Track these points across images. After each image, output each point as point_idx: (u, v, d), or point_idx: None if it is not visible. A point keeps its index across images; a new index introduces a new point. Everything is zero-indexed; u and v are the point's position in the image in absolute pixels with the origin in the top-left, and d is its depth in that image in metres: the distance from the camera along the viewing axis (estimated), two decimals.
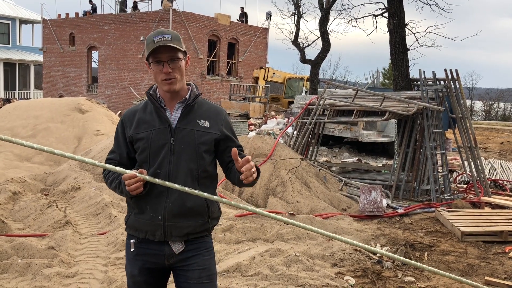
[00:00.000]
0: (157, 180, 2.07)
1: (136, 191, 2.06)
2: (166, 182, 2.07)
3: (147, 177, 2.07)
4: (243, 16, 30.11)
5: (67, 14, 31.02)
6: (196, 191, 2.08)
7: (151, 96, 2.23)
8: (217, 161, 2.33)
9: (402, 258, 2.30)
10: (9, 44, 36.28)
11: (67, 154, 2.01)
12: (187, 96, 2.23)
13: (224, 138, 2.25)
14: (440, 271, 2.32)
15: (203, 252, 2.24)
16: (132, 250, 2.23)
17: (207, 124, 2.21)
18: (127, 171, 2.04)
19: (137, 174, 2.05)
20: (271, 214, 2.29)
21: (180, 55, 2.17)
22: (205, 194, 2.11)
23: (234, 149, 2.06)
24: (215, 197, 2.16)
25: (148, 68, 2.21)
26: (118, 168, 2.05)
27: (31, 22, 38.18)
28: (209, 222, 2.25)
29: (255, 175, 2.09)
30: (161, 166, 2.16)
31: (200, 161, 2.19)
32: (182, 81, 2.21)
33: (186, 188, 2.07)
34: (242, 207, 2.26)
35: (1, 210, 5.83)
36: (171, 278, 2.32)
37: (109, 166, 2.06)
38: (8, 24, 36.25)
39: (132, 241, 2.23)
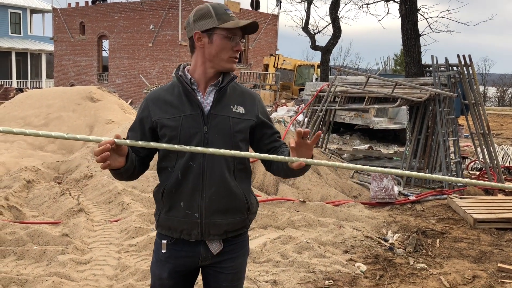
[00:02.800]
0: (140, 142, 1.78)
1: (104, 164, 1.71)
2: (151, 143, 1.77)
3: (117, 140, 1.74)
4: (257, 4, 29.94)
5: (77, 3, 31.09)
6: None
7: (180, 78, 1.97)
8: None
9: None
10: (20, 34, 36.51)
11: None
12: (220, 78, 1.99)
13: (260, 124, 2.04)
14: None
15: (240, 254, 2.08)
16: (163, 252, 2.01)
17: (242, 110, 1.99)
18: (103, 138, 1.72)
19: (106, 140, 1.70)
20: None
21: None
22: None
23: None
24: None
25: (198, 42, 1.94)
26: (92, 137, 1.72)
27: (42, 11, 38.34)
28: (248, 218, 2.06)
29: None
30: (193, 158, 1.92)
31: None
32: None
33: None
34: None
35: (16, 198, 5.92)
36: None
37: (80, 136, 1.69)
38: (19, 13, 36.43)
39: (164, 241, 2.01)
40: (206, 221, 1.95)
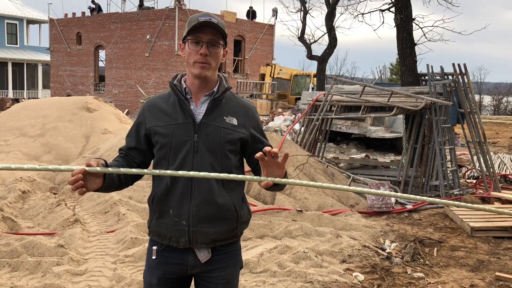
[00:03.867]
0: (110, 169, 1.80)
1: (81, 191, 1.76)
2: (121, 169, 1.79)
3: (88, 168, 1.75)
4: (254, 14, 30.13)
5: (74, 14, 31.17)
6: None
7: (174, 87, 2.01)
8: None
9: None
10: (17, 44, 36.53)
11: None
12: (215, 89, 2.02)
13: (252, 139, 2.05)
14: None
15: (230, 264, 2.08)
16: (154, 258, 2.05)
17: (234, 121, 2.01)
18: (75, 167, 1.74)
19: (76, 168, 1.72)
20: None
21: (222, 42, 1.99)
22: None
23: (259, 154, 1.80)
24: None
25: (181, 51, 2.03)
26: (63, 167, 1.73)
27: (38, 22, 38.40)
28: (238, 227, 2.07)
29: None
30: (183, 165, 1.95)
31: (225, 161, 1.99)
32: (215, 71, 2.02)
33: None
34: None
35: (11, 209, 5.88)
36: None
37: (52, 166, 1.70)
38: (16, 24, 36.49)
39: (154, 248, 2.05)
40: (193, 229, 1.98)
